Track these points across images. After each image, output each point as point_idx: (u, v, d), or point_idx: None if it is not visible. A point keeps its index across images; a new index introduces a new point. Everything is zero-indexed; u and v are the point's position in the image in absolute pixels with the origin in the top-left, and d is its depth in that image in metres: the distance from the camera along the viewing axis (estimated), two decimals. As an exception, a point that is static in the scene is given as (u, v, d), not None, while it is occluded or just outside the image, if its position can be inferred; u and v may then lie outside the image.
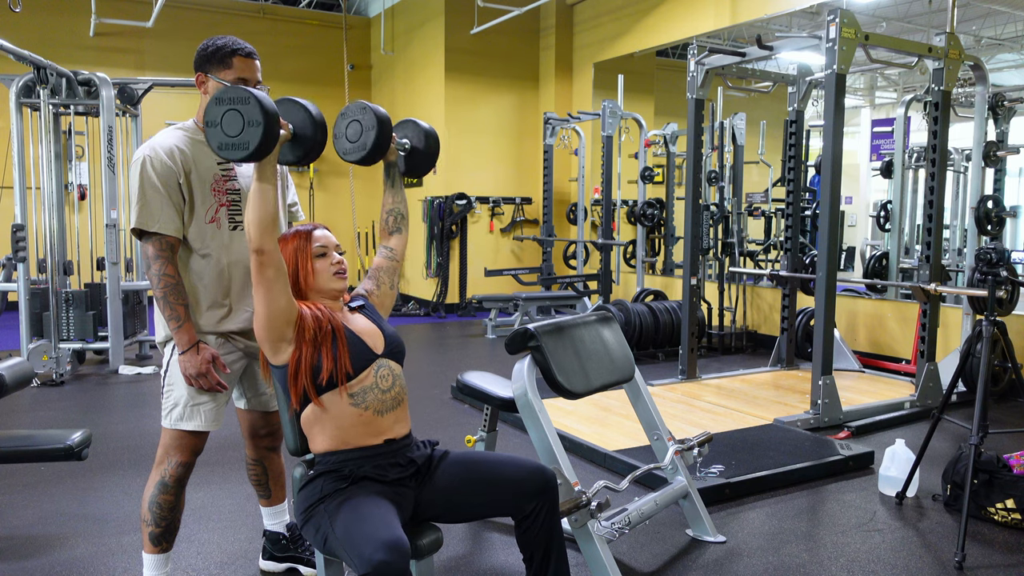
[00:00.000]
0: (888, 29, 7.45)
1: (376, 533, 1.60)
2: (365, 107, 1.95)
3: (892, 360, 5.59)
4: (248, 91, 1.72)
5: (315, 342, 1.81)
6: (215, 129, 1.74)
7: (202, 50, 2.08)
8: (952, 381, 3.02)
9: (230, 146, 1.73)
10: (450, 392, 4.90)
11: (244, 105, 1.71)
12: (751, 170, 8.16)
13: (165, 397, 2.13)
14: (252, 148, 1.71)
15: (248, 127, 1.70)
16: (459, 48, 8.60)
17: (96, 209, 6.06)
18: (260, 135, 1.69)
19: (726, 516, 2.94)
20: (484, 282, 8.55)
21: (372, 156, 1.97)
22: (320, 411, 1.83)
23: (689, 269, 5.20)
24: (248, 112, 1.70)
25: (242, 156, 1.72)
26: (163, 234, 2.02)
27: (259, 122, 1.69)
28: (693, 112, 5.08)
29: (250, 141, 1.70)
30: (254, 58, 2.11)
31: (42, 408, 4.61)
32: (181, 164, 2.05)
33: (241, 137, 1.71)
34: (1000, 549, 2.68)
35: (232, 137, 1.72)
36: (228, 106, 1.72)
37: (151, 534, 2.13)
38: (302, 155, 1.88)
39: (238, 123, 1.71)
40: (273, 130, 1.72)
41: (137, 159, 2.05)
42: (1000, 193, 5.62)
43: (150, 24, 7.87)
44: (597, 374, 2.41)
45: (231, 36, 2.11)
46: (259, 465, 2.43)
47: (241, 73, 2.06)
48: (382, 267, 2.14)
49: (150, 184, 2.01)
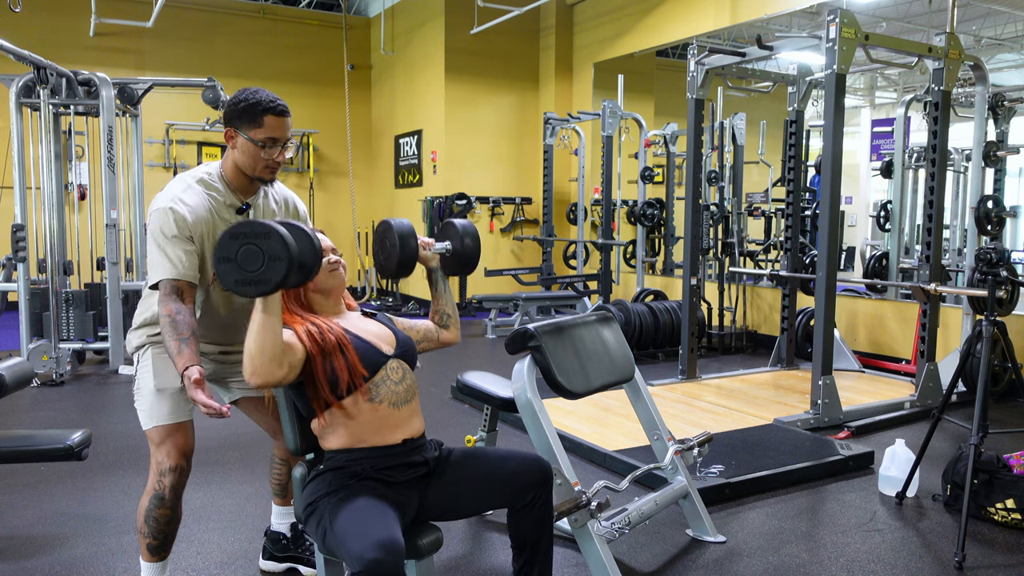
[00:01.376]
0: (888, 29, 7.45)
1: (371, 532, 1.60)
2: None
3: (892, 360, 5.59)
4: (268, 226, 1.61)
5: (324, 358, 1.79)
6: (230, 265, 1.61)
7: (233, 104, 2.01)
8: (952, 381, 3.02)
9: (248, 282, 1.61)
10: (450, 392, 4.90)
11: (264, 240, 1.60)
12: (751, 170, 8.16)
13: (137, 402, 2.13)
14: (274, 283, 1.60)
15: (269, 261, 1.59)
16: (459, 48, 8.60)
17: (96, 209, 6.05)
18: (284, 269, 1.59)
19: (726, 516, 2.94)
20: (484, 282, 8.54)
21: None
22: (334, 411, 1.83)
23: (689, 269, 5.20)
24: (269, 247, 1.59)
25: (264, 291, 1.62)
26: (167, 279, 1.97)
27: (281, 257, 1.59)
28: (693, 112, 5.08)
29: (271, 276, 1.59)
30: (286, 116, 2.03)
31: (42, 408, 4.61)
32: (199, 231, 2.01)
33: (261, 273, 1.60)
34: (1000, 549, 2.68)
35: (251, 272, 1.60)
36: (244, 241, 1.60)
37: (149, 545, 2.12)
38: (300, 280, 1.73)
39: (257, 258, 1.60)
40: (295, 262, 1.61)
41: (159, 208, 2.00)
42: (1000, 193, 5.63)
43: (150, 24, 7.86)
44: (597, 374, 2.41)
45: (264, 91, 2.03)
46: (285, 465, 2.43)
47: (271, 132, 2.00)
48: (427, 329, 2.17)
49: (162, 238, 1.98)
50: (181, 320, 1.91)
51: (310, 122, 9.73)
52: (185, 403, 2.10)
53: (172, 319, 1.91)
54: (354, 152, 10.17)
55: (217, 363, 2.21)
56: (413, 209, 9.27)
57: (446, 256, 2.20)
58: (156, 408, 2.09)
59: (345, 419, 1.83)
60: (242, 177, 2.09)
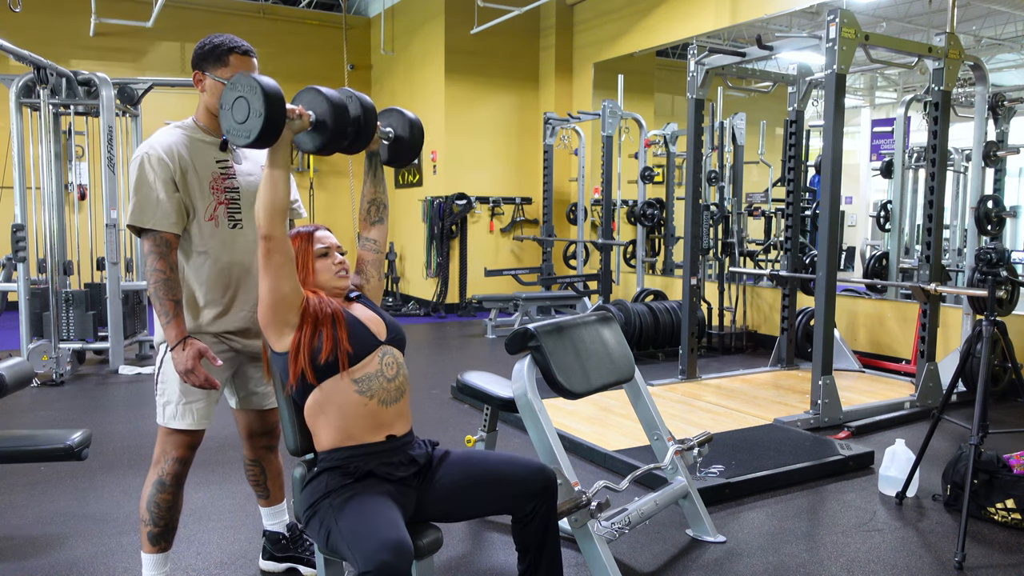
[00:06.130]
0: (888, 29, 7.45)
1: (381, 533, 1.60)
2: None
3: (892, 360, 5.59)
4: (257, 81, 1.74)
5: (315, 324, 1.82)
6: (226, 112, 1.78)
7: (199, 48, 2.08)
8: (952, 381, 3.02)
9: (235, 132, 1.78)
10: (450, 392, 4.89)
11: (251, 94, 1.74)
12: (751, 170, 8.16)
13: (158, 395, 2.13)
14: (254, 136, 1.75)
15: (252, 115, 1.74)
16: (459, 48, 8.60)
17: (96, 209, 6.05)
18: (261, 125, 1.73)
19: (726, 516, 2.94)
20: (484, 282, 8.54)
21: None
22: (323, 400, 1.82)
23: (689, 269, 5.20)
24: (254, 101, 1.74)
25: (244, 142, 1.76)
26: (157, 230, 2.01)
27: (261, 112, 1.73)
28: (693, 112, 5.08)
29: (252, 129, 1.75)
30: (251, 56, 2.10)
31: (42, 408, 4.60)
32: (178, 162, 2.05)
33: (246, 124, 1.75)
34: (1000, 549, 2.68)
35: (239, 123, 1.77)
36: (239, 93, 1.76)
37: (150, 533, 2.13)
38: (323, 144, 1.90)
39: (244, 110, 1.75)
40: (275, 120, 1.75)
41: (136, 157, 2.05)
42: (1000, 193, 5.62)
43: (150, 24, 7.87)
44: (597, 374, 2.41)
45: (228, 34, 2.10)
46: (257, 465, 2.42)
47: (238, 71, 2.05)
48: (367, 260, 2.14)
49: (146, 181, 2.01)
50: (173, 280, 2.01)
51: (310, 122, 9.72)
52: (207, 415, 2.14)
53: (166, 276, 2.00)
54: (354, 152, 10.16)
55: (235, 354, 2.19)
56: (413, 209, 9.27)
57: (389, 142, 2.15)
58: (181, 416, 2.10)
59: (333, 409, 1.82)
60: (215, 121, 2.11)
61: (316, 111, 1.88)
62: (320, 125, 1.88)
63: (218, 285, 2.12)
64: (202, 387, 2.02)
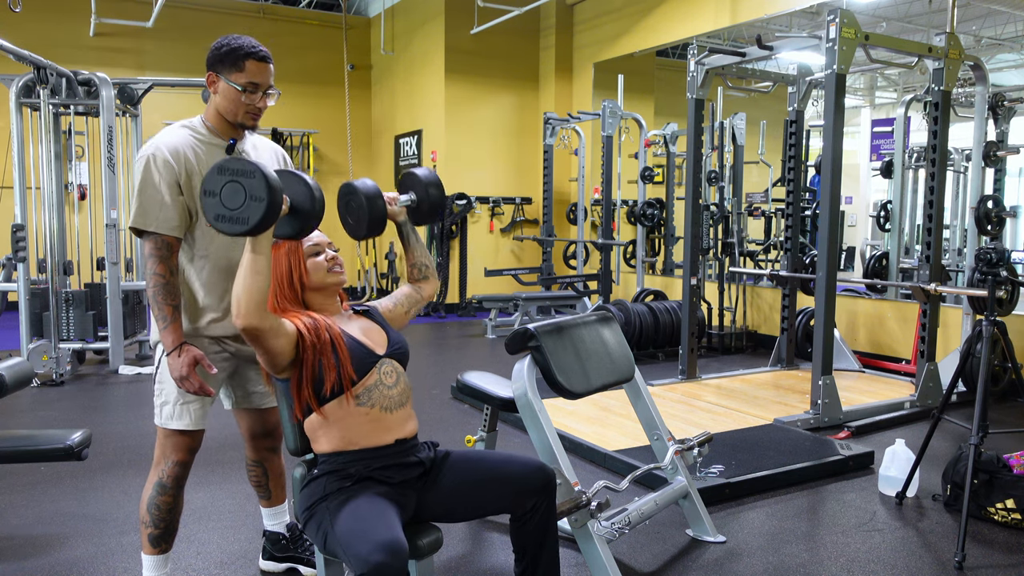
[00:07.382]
0: (888, 29, 7.45)
1: (375, 534, 1.60)
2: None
3: (892, 360, 5.59)
4: (254, 165, 1.63)
5: (315, 353, 1.78)
6: (213, 199, 1.64)
7: (215, 49, 2.01)
8: (952, 381, 3.02)
9: (228, 219, 1.63)
10: (450, 392, 4.89)
11: (248, 179, 1.62)
12: (751, 170, 8.16)
13: (156, 395, 2.12)
14: (252, 224, 1.62)
15: (250, 201, 1.61)
16: (459, 48, 8.60)
17: (96, 209, 6.05)
18: (263, 211, 1.61)
19: (726, 516, 2.94)
20: (484, 282, 8.54)
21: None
22: (325, 415, 1.82)
23: (689, 269, 5.20)
24: (252, 187, 1.61)
25: (240, 231, 1.64)
26: (159, 233, 1.98)
27: (262, 198, 1.61)
28: (693, 112, 5.08)
29: (251, 216, 1.62)
30: (268, 62, 2.03)
31: (42, 408, 4.60)
32: (183, 164, 2.01)
33: (241, 211, 1.62)
34: (1000, 549, 2.68)
35: (232, 210, 1.62)
36: (230, 177, 1.63)
37: (150, 535, 2.13)
38: (298, 230, 1.79)
39: (239, 196, 1.62)
40: (276, 206, 1.63)
41: (141, 157, 2.02)
42: (1000, 193, 5.62)
43: (150, 24, 7.87)
44: (597, 374, 2.41)
45: (248, 37, 2.03)
46: (259, 467, 2.42)
47: (253, 77, 2.01)
48: (406, 295, 2.14)
49: (151, 183, 1.98)
50: (173, 285, 1.99)
51: (310, 122, 9.73)
52: (203, 415, 2.13)
53: (166, 281, 1.98)
54: (354, 152, 10.17)
55: (232, 357, 2.18)
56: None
57: (412, 208, 2.14)
58: (178, 416, 2.10)
59: (333, 424, 1.81)
60: (224, 124, 2.09)
61: (293, 196, 1.76)
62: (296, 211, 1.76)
63: (217, 289, 2.10)
64: (196, 394, 2.01)
